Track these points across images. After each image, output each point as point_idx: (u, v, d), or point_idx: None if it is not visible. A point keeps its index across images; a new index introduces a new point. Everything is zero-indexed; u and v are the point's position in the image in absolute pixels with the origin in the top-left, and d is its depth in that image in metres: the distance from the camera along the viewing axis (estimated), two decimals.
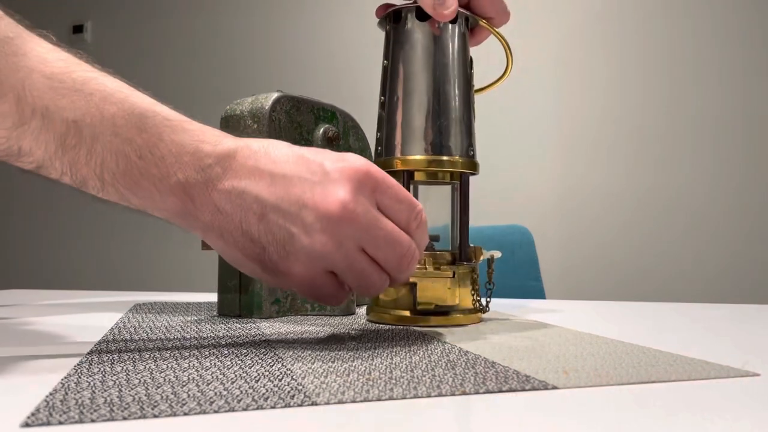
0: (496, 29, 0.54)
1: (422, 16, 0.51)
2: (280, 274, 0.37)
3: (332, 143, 0.60)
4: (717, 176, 1.85)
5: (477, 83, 0.55)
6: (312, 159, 0.37)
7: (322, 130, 0.60)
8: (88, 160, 0.34)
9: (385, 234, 0.37)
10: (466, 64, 0.53)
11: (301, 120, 0.59)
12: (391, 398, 0.26)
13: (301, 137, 0.59)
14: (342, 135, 0.63)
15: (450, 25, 0.51)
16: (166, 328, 0.48)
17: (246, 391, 0.27)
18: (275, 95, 0.57)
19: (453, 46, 0.51)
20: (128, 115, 0.34)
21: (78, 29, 2.58)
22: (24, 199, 2.62)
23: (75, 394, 0.26)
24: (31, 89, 0.32)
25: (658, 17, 1.92)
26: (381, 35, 0.55)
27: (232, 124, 0.57)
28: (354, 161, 0.37)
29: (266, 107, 0.56)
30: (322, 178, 0.37)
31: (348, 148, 0.64)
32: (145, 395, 0.26)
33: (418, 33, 0.51)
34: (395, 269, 0.38)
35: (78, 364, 0.32)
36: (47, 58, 0.34)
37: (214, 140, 0.37)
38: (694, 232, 1.86)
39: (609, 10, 1.96)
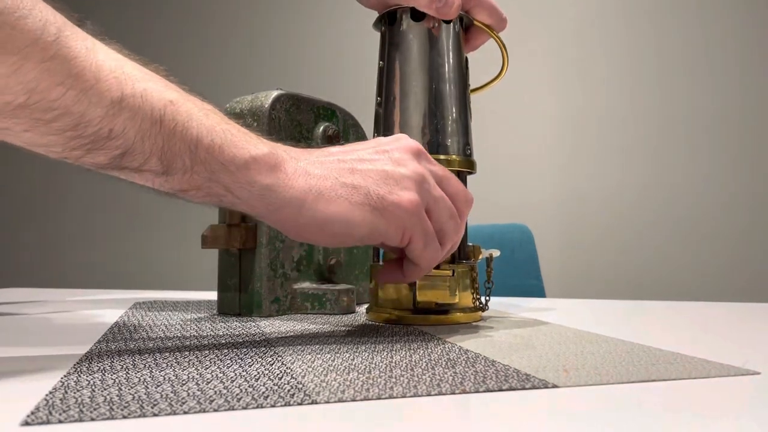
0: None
1: (417, 16, 0.51)
2: (391, 205, 0.39)
3: (332, 141, 0.60)
4: (717, 175, 1.85)
5: (473, 83, 0.55)
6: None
7: (322, 128, 0.60)
8: (184, 135, 0.35)
9: (445, 172, 0.43)
10: (462, 64, 0.53)
11: (301, 118, 0.59)
12: (391, 397, 0.26)
13: (301, 135, 0.59)
14: (342, 133, 0.63)
15: (445, 25, 0.51)
16: (166, 326, 0.48)
17: (246, 389, 0.27)
18: (275, 93, 0.57)
19: (448, 45, 0.51)
20: (210, 107, 0.38)
21: None
22: (23, 198, 2.62)
23: (75, 393, 0.26)
24: (129, 74, 0.34)
25: (658, 18, 1.92)
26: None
27: None
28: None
29: (266, 105, 0.56)
30: (381, 141, 0.43)
31: None
32: (145, 394, 0.26)
33: (413, 33, 0.51)
34: (462, 206, 0.43)
35: (77, 363, 0.32)
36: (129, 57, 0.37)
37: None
38: (694, 230, 1.86)
39: (608, 11, 1.96)
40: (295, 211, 0.37)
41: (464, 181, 0.52)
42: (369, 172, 0.39)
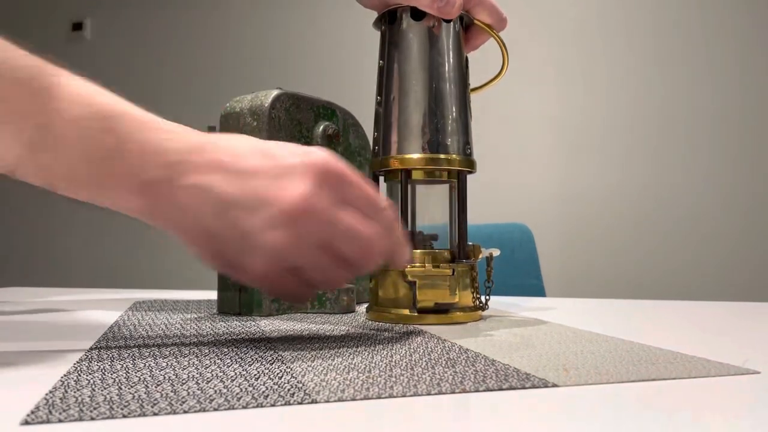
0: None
1: (417, 15, 0.51)
2: (240, 271, 0.37)
3: (332, 141, 0.60)
4: (717, 175, 1.85)
5: (473, 82, 0.55)
6: (275, 153, 0.38)
7: (321, 127, 0.60)
8: (57, 164, 0.34)
9: (345, 228, 0.37)
10: (462, 63, 0.53)
11: (301, 117, 0.59)
12: (391, 396, 0.26)
13: (301, 135, 0.59)
14: (342, 132, 0.63)
15: (445, 24, 0.51)
16: (166, 326, 0.48)
17: (246, 389, 0.27)
18: (275, 93, 0.57)
19: (448, 45, 0.52)
20: (94, 117, 0.35)
21: (77, 27, 2.57)
22: (22, 196, 2.62)
23: (75, 392, 0.26)
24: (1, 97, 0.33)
25: (658, 18, 1.92)
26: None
27: (231, 122, 0.57)
28: (317, 155, 0.37)
29: (266, 105, 0.56)
30: (283, 171, 0.36)
31: (348, 146, 0.64)
32: (145, 393, 0.26)
33: (413, 33, 0.51)
34: (358, 262, 0.38)
35: (78, 362, 0.32)
36: (15, 64, 0.34)
37: (181, 137, 0.37)
38: (694, 229, 1.86)
39: (609, 11, 1.96)
40: (172, 233, 0.37)
41: (464, 181, 0.52)
42: (234, 224, 0.36)
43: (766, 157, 1.82)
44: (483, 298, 0.52)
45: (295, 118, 0.58)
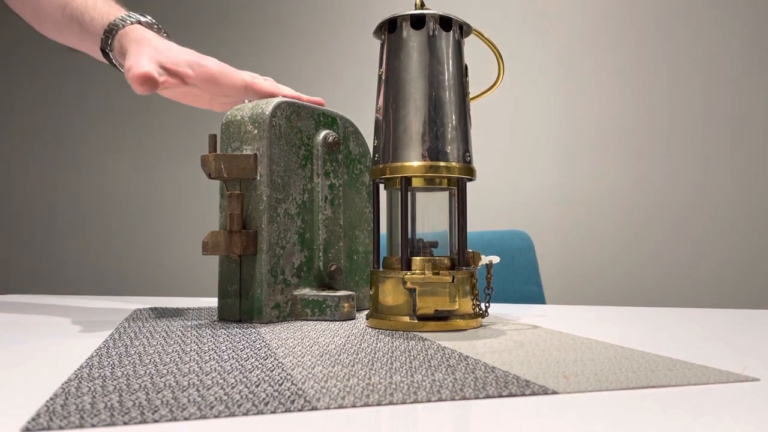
0: (488, 38, 0.55)
1: (417, 24, 0.52)
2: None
3: (333, 148, 0.61)
4: (717, 180, 1.85)
5: (473, 90, 0.56)
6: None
7: (322, 135, 0.60)
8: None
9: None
10: (461, 71, 0.53)
11: (302, 125, 0.59)
12: (391, 403, 0.26)
13: (302, 142, 0.59)
14: (342, 140, 0.63)
15: (444, 33, 0.52)
16: (166, 333, 0.48)
17: (246, 395, 0.27)
18: (276, 101, 0.57)
19: (447, 53, 0.52)
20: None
21: None
22: (24, 201, 2.63)
23: (75, 399, 0.26)
24: None
25: (659, 20, 1.92)
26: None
27: (232, 129, 0.57)
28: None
29: (266, 113, 0.56)
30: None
31: (348, 153, 0.64)
32: (146, 400, 0.26)
33: (412, 41, 0.52)
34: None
35: (78, 369, 0.33)
36: None
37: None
38: (695, 237, 1.86)
39: (609, 14, 1.97)
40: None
41: (464, 188, 0.52)
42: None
43: (766, 159, 1.82)
44: (483, 305, 0.52)
45: (296, 126, 0.58)
